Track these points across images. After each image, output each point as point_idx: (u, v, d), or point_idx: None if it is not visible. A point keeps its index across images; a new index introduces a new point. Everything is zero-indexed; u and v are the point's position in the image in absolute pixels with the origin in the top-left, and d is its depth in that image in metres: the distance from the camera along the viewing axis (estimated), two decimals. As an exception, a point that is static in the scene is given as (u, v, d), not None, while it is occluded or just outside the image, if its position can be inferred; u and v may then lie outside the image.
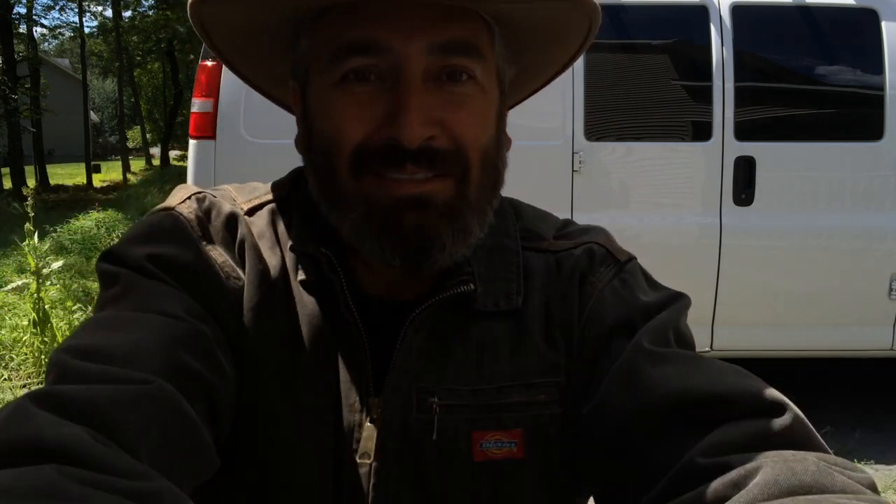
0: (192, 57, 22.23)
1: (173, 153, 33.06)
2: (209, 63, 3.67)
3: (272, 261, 0.73)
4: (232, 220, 0.74)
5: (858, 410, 4.37)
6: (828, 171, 3.81)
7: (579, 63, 3.63)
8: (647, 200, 3.75)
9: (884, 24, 3.79)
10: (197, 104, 3.72)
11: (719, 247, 3.77)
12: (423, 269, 0.68)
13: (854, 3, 3.81)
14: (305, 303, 0.72)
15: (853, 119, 3.88)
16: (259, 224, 0.75)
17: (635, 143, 3.73)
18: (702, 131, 3.76)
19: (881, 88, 3.78)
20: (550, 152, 3.68)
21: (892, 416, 4.29)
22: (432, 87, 0.66)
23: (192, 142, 3.74)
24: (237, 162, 3.68)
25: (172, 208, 0.74)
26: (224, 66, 3.77)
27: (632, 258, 0.78)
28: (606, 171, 3.72)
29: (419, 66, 0.65)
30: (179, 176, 13.37)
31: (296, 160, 0.78)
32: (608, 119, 3.74)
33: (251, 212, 0.76)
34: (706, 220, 3.78)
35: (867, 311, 3.88)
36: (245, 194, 0.78)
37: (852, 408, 4.41)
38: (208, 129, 3.68)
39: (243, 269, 0.72)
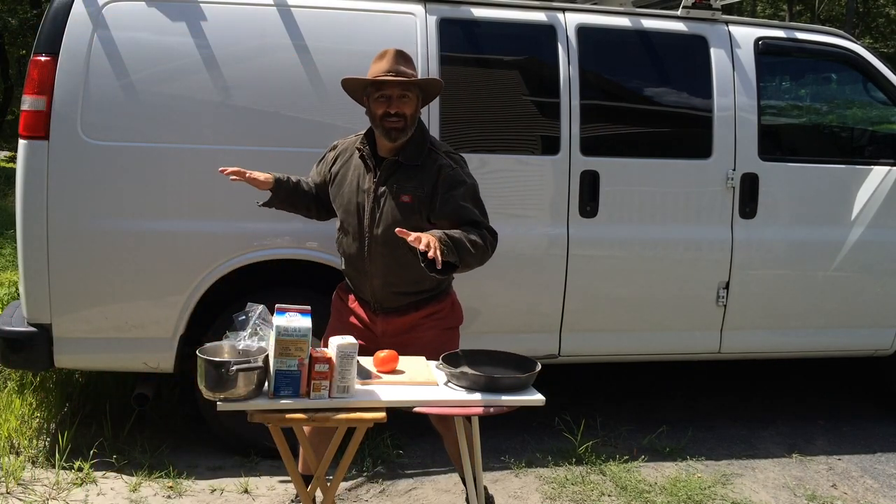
0: (24, 52, 20.62)
1: (2, 154, 30.44)
2: (42, 58, 3.42)
3: (348, 150, 3.08)
4: (334, 147, 3.19)
5: (691, 411, 4.68)
6: (663, 185, 4.07)
7: (434, 75, 3.67)
8: (499, 211, 3.83)
9: (712, 51, 4.10)
10: (28, 101, 3.44)
11: (567, 257, 3.93)
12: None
13: (686, 29, 4.10)
14: (356, 160, 3.03)
15: (685, 138, 4.17)
16: (345, 142, 3.14)
17: (488, 155, 3.82)
18: (550, 145, 3.91)
19: (710, 110, 4.08)
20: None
21: (721, 416, 4.62)
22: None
23: (21, 142, 3.46)
24: (73, 165, 3.45)
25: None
26: (59, 62, 3.49)
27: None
28: (460, 182, 3.77)
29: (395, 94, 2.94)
30: (8, 178, 12.29)
31: (139, 164, 0.74)
32: (462, 131, 3.80)
33: (342, 142, 3.16)
34: (554, 231, 3.93)
35: (698, 317, 4.17)
36: (349, 136, 3.17)
37: (686, 408, 4.72)
38: (40, 129, 3.42)
39: (336, 157, 3.14)
